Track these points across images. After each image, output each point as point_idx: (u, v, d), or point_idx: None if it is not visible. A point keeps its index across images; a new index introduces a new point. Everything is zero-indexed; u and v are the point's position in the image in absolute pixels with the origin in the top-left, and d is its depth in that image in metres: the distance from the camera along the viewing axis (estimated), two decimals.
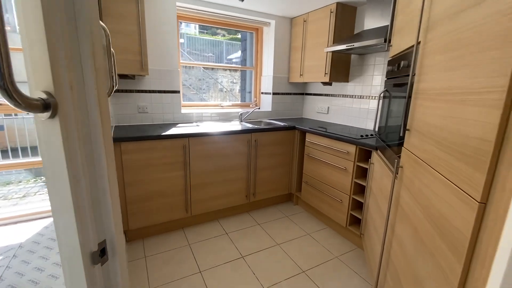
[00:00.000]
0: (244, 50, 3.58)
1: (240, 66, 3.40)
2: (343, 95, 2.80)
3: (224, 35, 3.43)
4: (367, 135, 2.14)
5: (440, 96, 0.88)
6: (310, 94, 3.26)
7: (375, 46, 1.97)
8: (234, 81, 3.53)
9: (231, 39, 3.46)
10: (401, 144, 1.25)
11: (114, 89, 1.56)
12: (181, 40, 3.21)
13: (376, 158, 1.75)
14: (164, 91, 2.52)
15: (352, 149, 2.02)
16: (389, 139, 1.51)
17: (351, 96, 2.69)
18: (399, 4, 1.52)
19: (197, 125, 2.48)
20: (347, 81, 2.71)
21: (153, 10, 2.30)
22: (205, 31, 3.29)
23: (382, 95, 1.69)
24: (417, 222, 0.98)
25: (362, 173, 2.08)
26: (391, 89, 1.57)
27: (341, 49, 2.20)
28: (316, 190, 2.43)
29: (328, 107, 2.99)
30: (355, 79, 2.64)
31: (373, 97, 2.46)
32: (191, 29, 3.27)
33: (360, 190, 2.11)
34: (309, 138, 2.48)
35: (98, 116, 0.59)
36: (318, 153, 2.38)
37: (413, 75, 1.11)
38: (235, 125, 2.62)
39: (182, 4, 2.44)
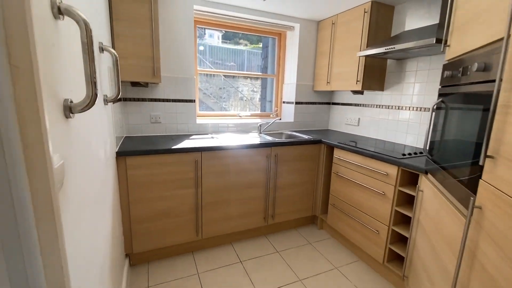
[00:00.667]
0: (265, 57, 3.38)
1: (260, 73, 3.18)
2: (376, 105, 2.46)
3: (246, 45, 3.31)
4: (410, 154, 1.80)
5: None
6: (338, 103, 2.95)
7: (421, 48, 1.65)
8: (255, 89, 3.39)
9: (253, 48, 3.35)
10: (473, 172, 0.92)
11: (116, 98, 1.38)
12: (201, 48, 3.09)
13: (427, 184, 1.40)
14: (179, 100, 2.35)
15: (392, 170, 1.68)
16: (448, 162, 1.18)
17: (387, 107, 2.35)
18: None
19: (212, 137, 2.27)
20: (382, 90, 2.37)
21: (168, 13, 2.16)
22: (228, 41, 3.20)
23: (435, 106, 1.36)
24: None
25: (406, 199, 1.73)
26: (449, 99, 1.25)
27: (378, 53, 1.89)
28: (346, 215, 2.09)
29: (359, 119, 2.66)
30: (392, 87, 2.30)
31: (415, 108, 2.10)
32: (214, 39, 3.18)
33: (403, 220, 1.75)
34: (338, 154, 2.16)
35: (17, 142, 0.36)
36: (348, 172, 2.05)
37: (500, 80, 0.80)
38: (254, 138, 2.38)
39: (200, 7, 2.28)
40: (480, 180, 0.87)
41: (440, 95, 1.36)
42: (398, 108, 2.25)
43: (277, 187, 2.25)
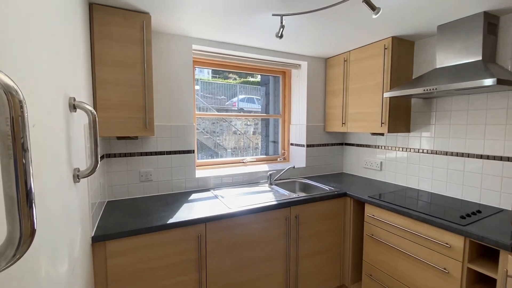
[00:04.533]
0: (266, 95, 3.14)
1: (264, 114, 2.90)
2: (402, 148, 2.16)
3: (235, 79, 3.17)
4: (469, 215, 1.44)
5: None
6: (352, 144, 2.65)
7: (471, 88, 1.39)
8: (248, 123, 3.14)
9: (243, 82, 3.24)
10: None
11: (92, 171, 0.99)
12: (196, 87, 2.84)
13: None
14: (175, 152, 1.97)
15: (456, 242, 1.31)
16: None
17: (417, 150, 2.05)
18: None
19: (216, 196, 1.86)
20: (409, 131, 2.09)
21: (163, 55, 1.86)
22: (217, 75, 3.06)
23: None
24: None
25: (478, 279, 1.34)
26: None
27: (417, 93, 1.63)
28: None
29: (381, 163, 2.34)
30: (420, 129, 2.02)
31: (461, 154, 1.80)
32: (204, 74, 3.03)
33: None
34: (371, 211, 1.79)
35: None
36: (387, 235, 1.67)
37: None
38: (266, 193, 1.99)
39: (200, 47, 2.02)
40: None
41: None
42: (431, 152, 1.95)
43: (300, 256, 1.81)
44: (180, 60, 1.92)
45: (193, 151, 2.03)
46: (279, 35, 1.42)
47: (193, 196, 1.88)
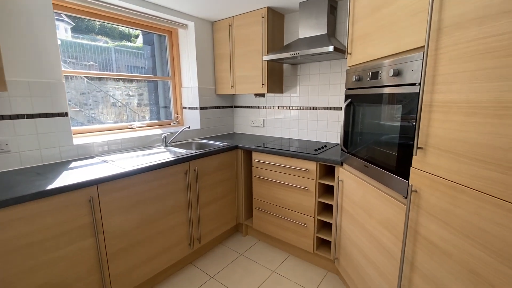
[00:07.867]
0: (152, 56, 2.92)
1: (153, 76, 2.71)
2: (278, 106, 2.63)
3: (107, 42, 2.64)
4: (320, 148, 2.01)
5: (482, 110, 0.73)
6: (240, 106, 2.96)
7: (320, 54, 1.86)
8: (131, 93, 2.85)
9: (119, 45, 2.76)
10: (400, 161, 1.10)
11: None
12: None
13: (347, 174, 1.60)
14: (40, 115, 1.61)
15: (312, 166, 1.82)
16: (368, 155, 1.37)
17: (288, 107, 2.56)
18: (359, 11, 1.41)
19: (105, 161, 1.71)
20: (282, 92, 2.56)
21: None
22: (80, 35, 2.44)
23: (345, 105, 1.56)
24: (473, 261, 0.80)
25: (324, 189, 1.93)
26: (360, 99, 1.45)
27: (286, 58, 1.99)
28: (272, 215, 2.12)
29: (264, 120, 2.77)
30: (290, 90, 2.52)
31: (316, 108, 2.38)
32: (61, 31, 2.37)
33: (324, 208, 1.95)
34: (257, 157, 2.15)
35: None
36: (269, 173, 2.08)
37: (419, 84, 0.96)
38: (163, 153, 1.99)
39: None
40: (411, 168, 1.03)
41: (347, 96, 1.56)
42: (297, 108, 2.50)
43: (201, 205, 1.99)
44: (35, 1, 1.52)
45: (66, 114, 1.73)
46: None
47: (75, 164, 1.65)
